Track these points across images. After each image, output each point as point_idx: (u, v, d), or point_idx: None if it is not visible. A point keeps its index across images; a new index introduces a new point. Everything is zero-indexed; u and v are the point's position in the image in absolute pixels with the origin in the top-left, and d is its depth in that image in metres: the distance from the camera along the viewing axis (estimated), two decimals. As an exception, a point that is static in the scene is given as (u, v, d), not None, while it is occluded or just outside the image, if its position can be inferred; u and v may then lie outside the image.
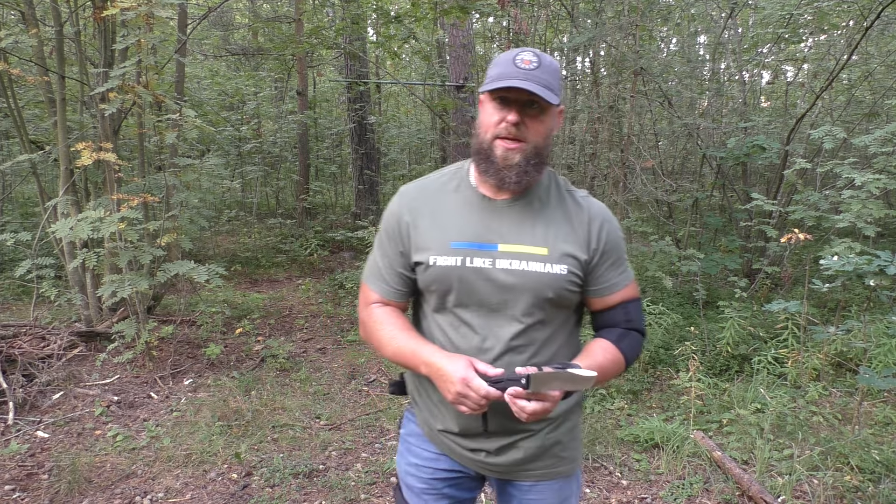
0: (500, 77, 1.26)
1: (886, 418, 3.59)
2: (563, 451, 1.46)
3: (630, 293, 1.45)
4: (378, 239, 1.47)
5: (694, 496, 2.95)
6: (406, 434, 1.57)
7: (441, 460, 1.49)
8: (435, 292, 1.38)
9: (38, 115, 7.24)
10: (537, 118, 1.29)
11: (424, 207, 1.40)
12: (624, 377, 4.31)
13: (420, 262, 1.37)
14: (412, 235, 1.39)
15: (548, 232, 1.35)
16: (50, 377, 4.00)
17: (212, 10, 8.38)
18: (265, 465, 3.19)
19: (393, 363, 1.43)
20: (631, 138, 6.16)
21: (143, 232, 4.57)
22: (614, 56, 6.36)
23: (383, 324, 1.42)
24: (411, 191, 1.45)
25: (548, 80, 1.27)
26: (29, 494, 2.90)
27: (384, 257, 1.45)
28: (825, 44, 7.34)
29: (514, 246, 1.33)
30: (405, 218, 1.40)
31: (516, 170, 1.29)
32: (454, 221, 1.37)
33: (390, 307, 1.46)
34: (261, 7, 13.49)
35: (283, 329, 5.52)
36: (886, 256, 3.02)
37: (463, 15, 6.00)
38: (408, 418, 1.58)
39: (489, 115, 1.31)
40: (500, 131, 1.29)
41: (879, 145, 4.49)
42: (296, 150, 10.69)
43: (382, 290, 1.45)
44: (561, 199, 1.40)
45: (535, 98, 1.26)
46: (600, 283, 1.41)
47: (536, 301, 1.33)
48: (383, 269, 1.45)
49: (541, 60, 1.28)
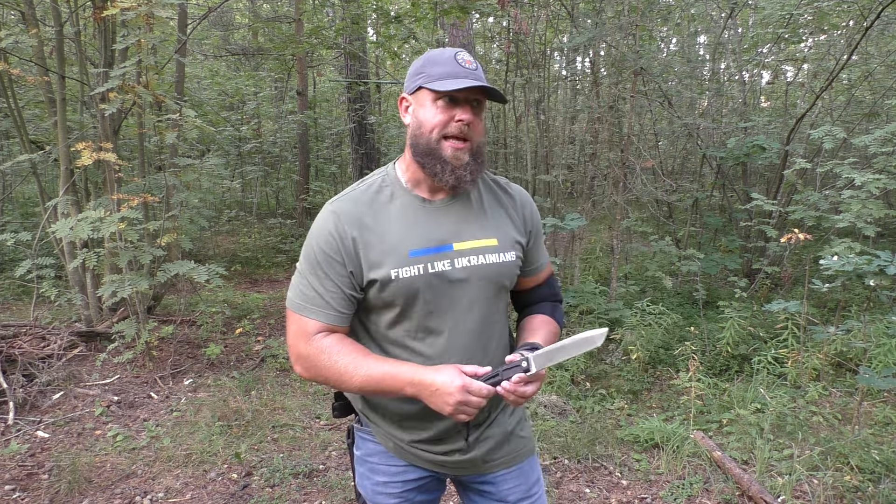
0: (450, 76, 1.28)
1: (886, 418, 3.59)
2: (522, 431, 1.50)
3: (550, 268, 1.57)
4: (310, 261, 1.33)
5: (694, 496, 2.95)
6: (364, 455, 1.49)
7: (409, 471, 1.47)
8: (397, 307, 1.31)
9: (38, 115, 7.25)
10: (478, 116, 1.32)
11: (366, 220, 1.32)
12: (624, 377, 4.31)
13: (376, 280, 1.29)
14: (360, 251, 1.30)
15: (492, 223, 1.39)
16: (50, 377, 4.00)
17: (212, 10, 8.38)
18: (265, 465, 3.19)
19: (360, 393, 1.35)
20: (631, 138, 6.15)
21: (143, 232, 4.57)
22: (614, 56, 6.36)
23: (338, 354, 1.29)
24: (345, 207, 1.34)
25: (485, 80, 1.32)
26: (29, 494, 2.90)
27: (326, 281, 1.31)
28: (825, 44, 7.34)
29: (468, 242, 1.34)
30: (350, 234, 1.30)
31: (469, 167, 1.31)
32: (404, 230, 1.32)
33: (337, 335, 1.34)
34: (261, 7, 13.49)
35: (283, 329, 5.52)
36: (886, 256, 3.02)
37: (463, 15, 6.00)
38: (361, 438, 1.50)
39: (433, 115, 1.29)
40: (450, 131, 1.29)
41: (879, 145, 4.49)
42: (296, 150, 10.69)
43: (326, 317, 1.32)
44: (490, 189, 1.45)
45: (479, 97, 1.31)
46: (533, 263, 1.49)
47: (495, 291, 1.38)
48: (326, 295, 1.31)
49: (475, 61, 1.34)
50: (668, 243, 5.61)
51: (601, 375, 4.35)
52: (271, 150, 10.16)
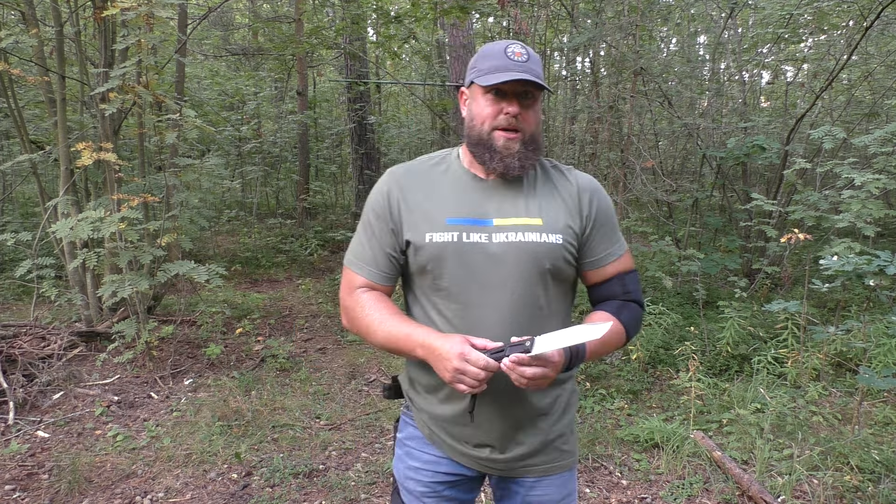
0: (497, 69, 1.30)
1: (886, 418, 3.59)
2: (565, 444, 1.47)
3: (626, 264, 1.45)
4: (363, 220, 1.44)
5: (694, 496, 2.95)
6: (404, 438, 1.53)
7: (442, 463, 1.46)
8: (430, 272, 1.35)
9: (38, 115, 7.25)
10: (530, 107, 1.34)
11: (415, 185, 1.40)
12: (624, 377, 4.31)
13: (412, 241, 1.35)
14: (403, 212, 1.37)
15: (541, 204, 1.37)
16: (50, 377, 4.00)
17: (212, 10, 8.38)
18: (265, 465, 3.19)
19: (383, 350, 1.39)
20: (631, 138, 6.16)
21: (144, 232, 4.57)
22: (614, 56, 6.36)
23: (371, 309, 1.38)
24: (399, 170, 1.44)
25: (538, 71, 1.32)
26: (29, 494, 2.90)
27: (372, 238, 1.41)
28: (825, 44, 7.34)
29: (509, 219, 1.34)
30: (395, 194, 1.39)
31: (518, 156, 1.33)
32: (447, 199, 1.37)
33: (377, 292, 1.42)
34: (261, 7, 13.48)
35: (283, 329, 5.52)
36: (886, 256, 3.02)
37: (463, 15, 6.00)
38: (405, 421, 1.54)
39: (483, 107, 1.33)
40: (499, 122, 1.32)
41: (879, 145, 4.49)
42: (296, 150, 10.69)
43: (369, 273, 1.41)
44: (548, 174, 1.44)
45: (529, 89, 1.32)
46: (595, 254, 1.41)
47: (535, 273, 1.33)
48: (371, 251, 1.41)
49: (528, 52, 1.33)
50: (668, 243, 5.61)
51: (601, 375, 4.35)
52: (271, 150, 10.16)
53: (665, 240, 5.76)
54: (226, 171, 9.21)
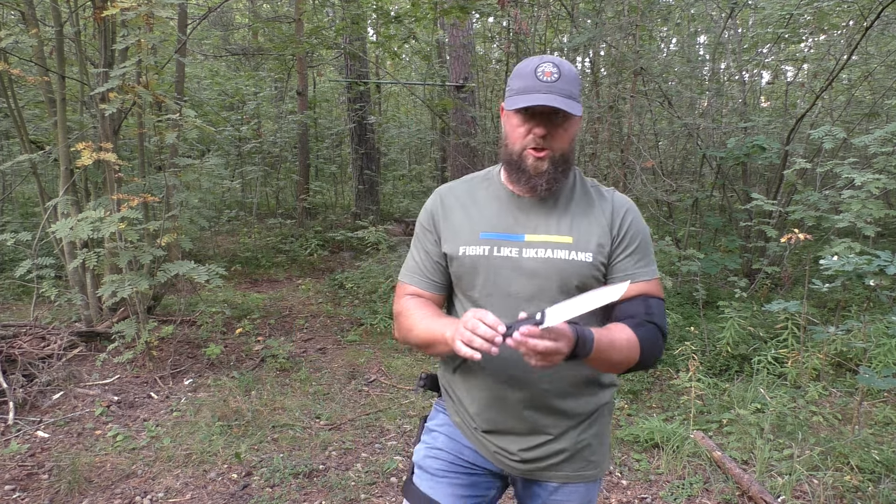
0: (523, 91, 1.31)
1: (886, 418, 3.59)
2: (592, 455, 1.48)
3: (653, 289, 1.41)
4: (414, 236, 1.54)
5: (694, 496, 2.95)
6: (434, 425, 1.58)
7: (466, 452, 1.51)
8: (464, 283, 1.43)
9: (38, 115, 7.24)
10: (561, 127, 1.34)
11: (455, 201, 1.48)
12: (624, 377, 4.31)
13: (449, 253, 1.44)
14: (442, 227, 1.46)
15: (573, 222, 1.40)
16: (50, 377, 4.00)
17: (212, 10, 8.38)
18: (265, 465, 3.19)
19: (423, 347, 1.41)
20: (631, 138, 6.16)
21: (143, 232, 4.57)
22: (614, 56, 6.36)
23: (413, 310, 1.44)
24: (444, 189, 1.54)
25: (570, 90, 1.31)
26: (29, 494, 2.90)
27: (421, 250, 1.50)
28: (825, 44, 7.34)
29: (540, 236, 1.39)
30: (438, 210, 1.49)
31: (546, 176, 1.36)
32: (484, 214, 1.44)
33: (422, 299, 1.49)
34: (261, 7, 13.48)
35: (283, 329, 5.52)
36: (886, 256, 3.02)
37: (463, 15, 6.00)
38: (437, 410, 1.60)
39: (515, 128, 1.37)
40: (528, 143, 1.35)
41: (879, 145, 4.49)
42: (296, 150, 10.69)
43: (417, 281, 1.49)
44: (585, 193, 1.46)
45: (559, 109, 1.31)
46: (620, 271, 1.40)
47: (563, 289, 1.36)
48: (420, 261, 1.50)
49: (561, 70, 1.31)
50: (668, 243, 5.61)
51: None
52: (271, 150, 10.16)
53: (665, 240, 5.76)
54: (226, 171, 9.21)
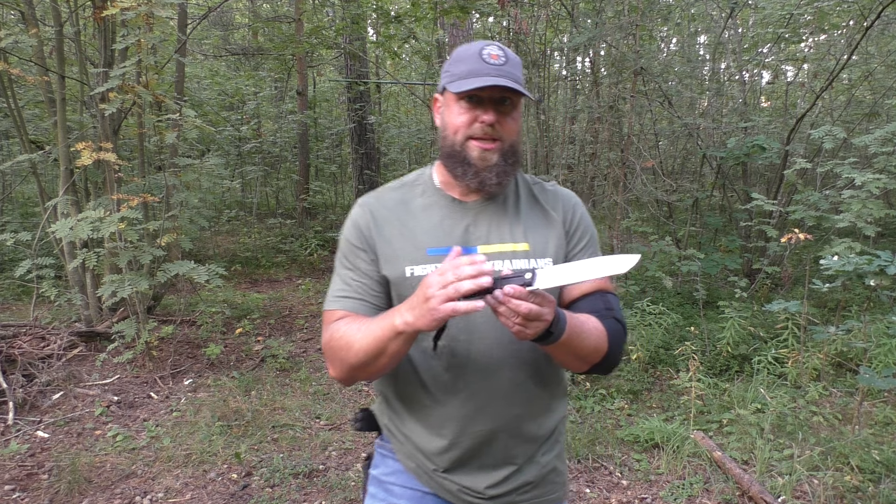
0: (472, 74, 1.19)
1: (886, 418, 3.59)
2: (557, 477, 1.39)
3: (607, 284, 1.33)
4: (339, 259, 1.32)
5: (694, 496, 2.95)
6: (382, 474, 1.39)
7: (427, 499, 1.34)
8: None
9: (38, 115, 7.24)
10: (509, 115, 1.23)
11: (389, 213, 1.29)
12: (624, 377, 4.30)
13: (391, 277, 1.25)
14: (378, 245, 1.27)
15: (526, 227, 1.28)
16: (50, 377, 4.00)
17: (212, 10, 8.38)
18: (265, 465, 3.19)
19: (368, 358, 1.17)
20: (631, 138, 6.16)
21: (143, 232, 4.57)
22: (614, 56, 6.36)
23: (346, 325, 1.22)
24: (370, 200, 1.32)
25: (517, 75, 1.22)
26: (29, 494, 2.90)
27: (352, 270, 1.28)
28: (825, 44, 7.34)
29: (495, 246, 1.25)
30: (370, 225, 1.28)
31: (496, 170, 1.23)
32: (425, 227, 1.27)
33: (352, 315, 1.27)
34: (261, 7, 13.48)
35: (283, 329, 5.52)
36: (886, 256, 3.02)
37: (463, 15, 6.00)
38: (381, 455, 1.41)
39: (457, 115, 1.23)
40: (474, 132, 1.22)
41: (879, 145, 4.49)
42: (296, 150, 10.69)
43: (350, 305, 1.26)
44: (530, 192, 1.35)
45: (507, 95, 1.21)
46: None
47: None
48: (350, 282, 1.28)
49: (507, 55, 1.22)
50: (668, 243, 5.61)
51: (601, 375, 4.35)
52: (271, 150, 10.16)
53: (665, 240, 5.76)
54: (226, 171, 9.21)
